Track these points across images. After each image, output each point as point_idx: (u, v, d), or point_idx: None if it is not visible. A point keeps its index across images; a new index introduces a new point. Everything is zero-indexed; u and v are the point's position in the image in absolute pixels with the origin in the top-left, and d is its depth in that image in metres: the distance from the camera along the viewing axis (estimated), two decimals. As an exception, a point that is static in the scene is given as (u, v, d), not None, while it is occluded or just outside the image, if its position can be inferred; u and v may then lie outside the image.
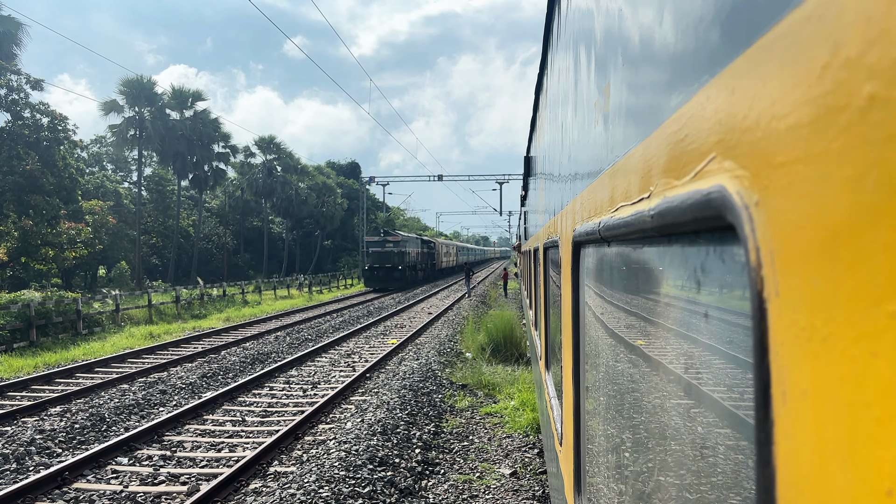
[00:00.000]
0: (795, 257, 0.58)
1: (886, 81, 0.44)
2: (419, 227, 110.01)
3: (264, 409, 11.70)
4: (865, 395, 0.47)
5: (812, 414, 0.55)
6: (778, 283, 0.62)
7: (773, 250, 0.63)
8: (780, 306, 0.61)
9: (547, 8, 4.37)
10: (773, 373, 0.63)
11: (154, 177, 49.90)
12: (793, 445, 0.58)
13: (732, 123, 0.74)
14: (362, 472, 7.90)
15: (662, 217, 1.04)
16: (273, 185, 57.21)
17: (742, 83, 0.71)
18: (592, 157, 2.08)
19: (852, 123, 0.48)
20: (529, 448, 9.49)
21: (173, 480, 8.21)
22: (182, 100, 46.45)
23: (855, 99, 0.48)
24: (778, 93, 0.61)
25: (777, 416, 0.61)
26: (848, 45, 0.49)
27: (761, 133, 0.65)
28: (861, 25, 0.47)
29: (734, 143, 0.73)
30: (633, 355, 1.67)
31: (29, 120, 29.11)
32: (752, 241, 0.67)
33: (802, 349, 0.57)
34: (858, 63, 0.47)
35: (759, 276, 0.65)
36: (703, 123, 0.86)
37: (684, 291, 1.15)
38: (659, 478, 1.37)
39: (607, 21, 1.76)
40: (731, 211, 0.72)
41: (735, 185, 0.72)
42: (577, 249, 2.44)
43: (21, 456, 8.85)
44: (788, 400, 0.59)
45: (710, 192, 0.79)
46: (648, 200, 1.16)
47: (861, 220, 0.48)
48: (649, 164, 1.18)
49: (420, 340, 19.86)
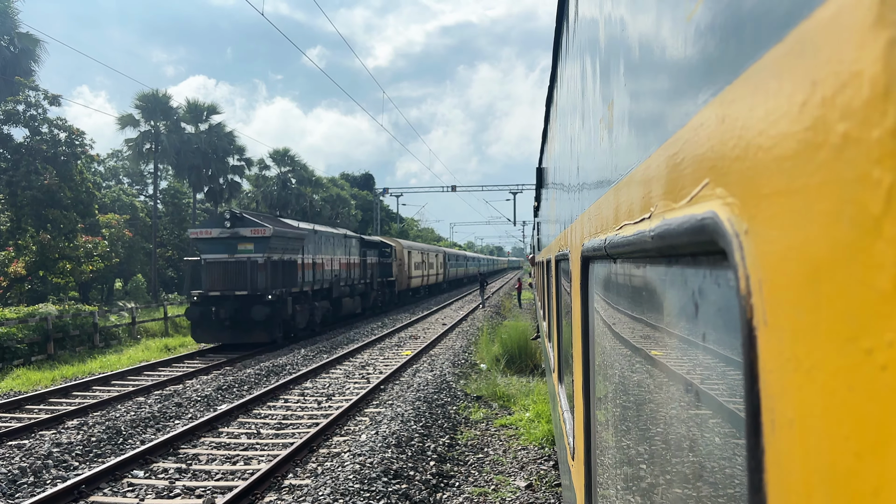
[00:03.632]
0: (781, 287, 0.59)
1: (858, 122, 0.45)
2: (433, 237, 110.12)
3: (279, 422, 11.74)
4: (844, 429, 0.48)
5: (798, 444, 0.56)
6: (766, 312, 0.62)
7: (761, 279, 0.63)
8: (767, 335, 0.62)
9: (556, 20, 4.39)
10: (762, 401, 0.63)
11: (170, 190, 50.30)
12: (781, 474, 0.59)
13: (723, 151, 0.75)
14: (377, 484, 7.89)
15: (662, 238, 1.05)
16: (287, 197, 57.52)
17: (731, 112, 0.72)
18: (599, 172, 2.09)
19: (829, 160, 0.49)
20: (545, 460, 9.45)
21: (189, 494, 8.24)
22: (197, 113, 46.86)
23: (831, 137, 0.49)
24: (763, 124, 0.62)
25: (766, 443, 0.62)
26: (823, 83, 0.50)
27: (749, 163, 0.66)
28: (834, 66, 0.48)
29: (725, 171, 0.74)
30: (641, 372, 1.67)
31: (47, 135, 29.48)
32: (741, 269, 0.68)
33: (788, 379, 0.57)
34: (833, 102, 0.48)
35: (748, 304, 0.66)
36: (697, 149, 0.87)
37: (683, 313, 1.15)
38: (671, 492, 1.37)
39: (610, 38, 1.77)
40: (722, 238, 0.73)
41: (726, 212, 0.73)
42: (586, 264, 2.44)
43: (38, 469, 8.92)
44: (777, 428, 0.60)
45: (704, 217, 0.80)
46: (649, 221, 1.17)
47: (838, 256, 0.49)
48: (650, 184, 1.19)
49: (434, 352, 19.85)
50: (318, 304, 24.99)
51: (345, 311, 28.53)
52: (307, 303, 23.97)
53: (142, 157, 44.36)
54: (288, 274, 22.12)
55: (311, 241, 24.72)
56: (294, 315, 22.56)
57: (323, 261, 25.77)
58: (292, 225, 23.89)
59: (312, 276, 24.48)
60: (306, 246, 23.99)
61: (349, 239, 30.20)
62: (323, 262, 25.78)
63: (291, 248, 22.59)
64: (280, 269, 21.56)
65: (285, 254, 22.09)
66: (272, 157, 59.32)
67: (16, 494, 8.12)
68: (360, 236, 32.57)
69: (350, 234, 30.65)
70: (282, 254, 21.80)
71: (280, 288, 21.26)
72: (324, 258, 25.90)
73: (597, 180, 2.14)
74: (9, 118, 28.88)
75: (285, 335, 22.45)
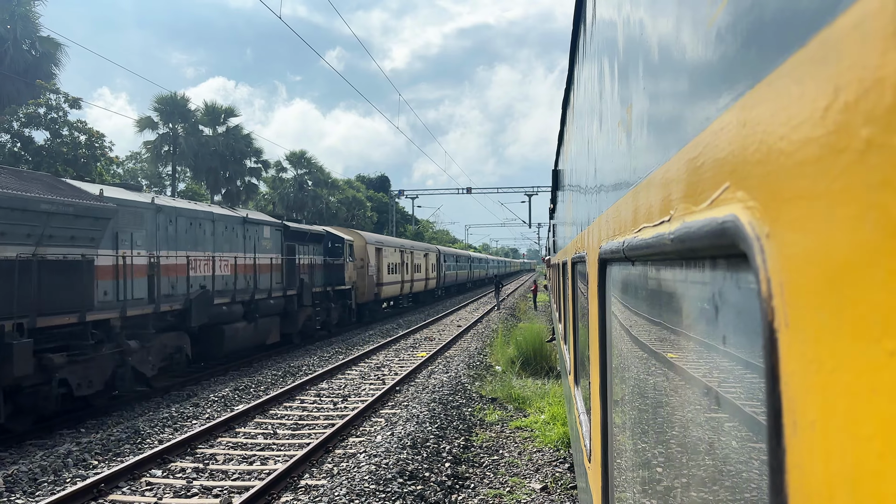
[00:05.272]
0: (803, 290, 0.60)
1: (882, 128, 0.46)
2: (448, 239, 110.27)
3: (295, 422, 11.79)
4: (867, 430, 0.48)
5: (820, 445, 0.56)
6: (787, 315, 0.63)
7: (782, 282, 0.64)
8: (789, 337, 0.63)
9: (573, 23, 4.39)
10: (784, 402, 0.64)
11: (187, 192, 50.71)
12: (802, 475, 0.59)
13: (744, 155, 0.75)
14: (392, 485, 7.92)
15: (682, 241, 1.05)
16: (304, 199, 57.83)
17: (753, 116, 0.73)
18: (617, 175, 2.09)
19: (851, 165, 0.50)
20: (560, 462, 9.43)
21: (206, 493, 8.30)
22: (215, 116, 47.22)
23: (854, 142, 0.49)
24: (784, 129, 0.63)
25: (788, 444, 0.63)
26: (846, 89, 0.50)
27: (770, 167, 0.67)
28: (858, 72, 0.49)
29: (746, 175, 0.75)
30: (659, 375, 1.67)
31: (67, 138, 29.85)
32: (763, 272, 0.68)
33: (811, 381, 0.58)
34: (856, 108, 0.49)
35: (769, 306, 0.67)
36: (718, 152, 0.87)
37: (702, 315, 1.16)
38: (688, 495, 1.37)
39: (629, 41, 1.77)
40: (743, 241, 0.74)
41: (747, 215, 0.74)
42: (603, 266, 2.44)
43: (59, 468, 9.02)
44: (799, 430, 0.61)
45: (725, 220, 0.81)
46: (669, 224, 1.17)
47: (860, 259, 0.49)
48: (669, 187, 1.19)
49: (449, 353, 19.86)
50: (150, 344, 13.71)
51: (237, 345, 17.52)
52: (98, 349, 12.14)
53: (160, 159, 44.80)
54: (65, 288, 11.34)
55: (130, 222, 13.54)
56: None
57: (176, 261, 15.07)
58: (82, 191, 12.61)
59: (126, 291, 13.19)
60: (119, 233, 13.11)
61: (255, 226, 18.85)
62: (176, 264, 15.08)
63: (61, 234, 11.39)
64: None
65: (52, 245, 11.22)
66: (289, 159, 59.66)
67: (36, 493, 8.22)
68: (282, 222, 20.81)
69: (256, 219, 19.16)
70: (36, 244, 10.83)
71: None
72: (177, 257, 15.12)
73: (614, 183, 2.15)
74: (30, 121, 29.28)
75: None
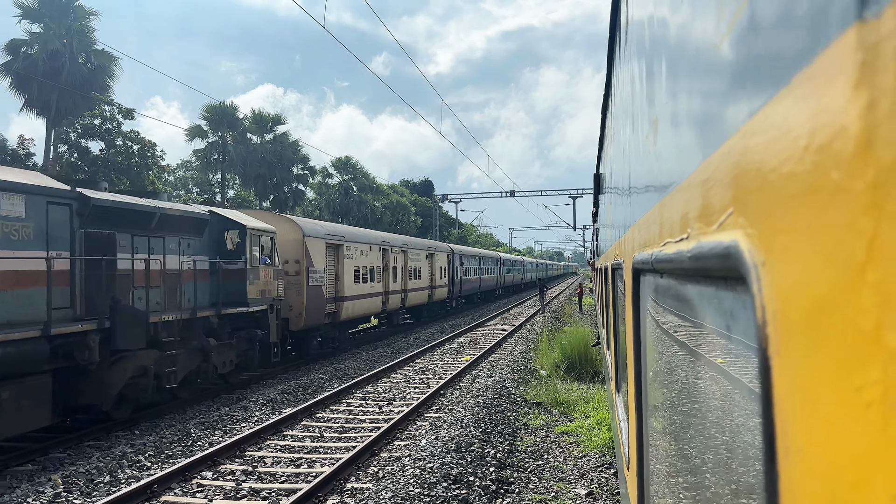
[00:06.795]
0: (792, 320, 0.61)
1: (845, 173, 0.48)
2: (492, 242, 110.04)
3: (341, 425, 11.94)
4: (842, 459, 0.50)
5: (808, 472, 0.58)
6: (779, 343, 0.65)
7: (775, 310, 0.66)
8: (781, 364, 0.64)
9: (609, 29, 4.38)
10: (777, 427, 0.66)
11: (237, 198, 51.78)
12: (793, 501, 0.61)
13: (745, 182, 0.77)
14: (437, 489, 7.96)
15: (696, 260, 1.07)
16: (349, 204, 58.49)
17: (752, 145, 0.75)
18: (647, 186, 2.10)
19: (826, 206, 0.52)
20: (606, 468, 9.34)
21: (255, 495, 8.47)
22: (262, 124, 48.11)
23: (826, 183, 0.51)
24: (775, 162, 0.65)
25: (781, 469, 0.64)
26: (820, 132, 0.53)
27: (765, 196, 0.69)
28: (829, 115, 0.51)
29: (747, 202, 0.77)
30: (686, 385, 1.67)
31: (121, 147, 30.82)
32: (759, 299, 0.70)
33: (799, 408, 0.60)
34: (829, 150, 0.51)
35: (764, 333, 0.68)
36: (724, 176, 0.89)
37: (713, 332, 1.17)
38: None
39: (652, 52, 1.78)
40: (743, 267, 0.76)
41: (747, 242, 0.75)
42: (637, 276, 2.45)
43: (114, 469, 9.32)
44: (790, 454, 0.62)
45: (729, 245, 0.82)
46: (687, 241, 1.19)
47: (835, 297, 0.51)
48: (688, 205, 1.21)
49: (493, 357, 19.86)
50: None
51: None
52: None
53: (210, 166, 45.85)
54: None
55: None
56: None
57: None
58: None
59: None
60: None
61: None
62: None
63: None
64: None
65: None
66: (334, 165, 60.42)
67: (93, 493, 8.50)
68: (75, 189, 10.91)
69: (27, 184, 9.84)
70: None
71: None
72: None
73: (646, 193, 2.15)
74: (86, 132, 30.31)
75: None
